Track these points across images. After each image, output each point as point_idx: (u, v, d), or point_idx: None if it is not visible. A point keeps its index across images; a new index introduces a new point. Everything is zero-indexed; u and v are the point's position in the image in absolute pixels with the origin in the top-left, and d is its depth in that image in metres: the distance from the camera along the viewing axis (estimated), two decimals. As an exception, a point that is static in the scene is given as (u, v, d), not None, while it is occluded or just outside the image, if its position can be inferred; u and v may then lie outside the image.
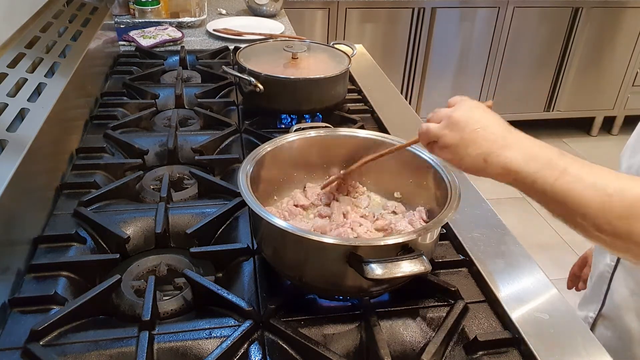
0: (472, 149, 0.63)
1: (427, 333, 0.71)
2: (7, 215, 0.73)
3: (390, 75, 1.65)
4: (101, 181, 0.99)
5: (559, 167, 0.59)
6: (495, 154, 0.62)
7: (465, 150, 0.64)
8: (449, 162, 0.68)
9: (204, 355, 0.66)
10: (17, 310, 0.70)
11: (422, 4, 2.93)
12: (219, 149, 1.13)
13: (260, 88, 1.17)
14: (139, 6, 1.91)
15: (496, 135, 0.63)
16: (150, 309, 0.68)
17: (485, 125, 0.64)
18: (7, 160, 0.76)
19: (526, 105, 3.40)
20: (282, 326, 0.68)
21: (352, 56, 1.31)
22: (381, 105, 1.33)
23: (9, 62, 0.96)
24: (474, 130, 0.63)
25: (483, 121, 0.64)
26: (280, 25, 1.99)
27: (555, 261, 1.15)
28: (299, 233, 0.65)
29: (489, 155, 0.62)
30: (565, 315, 0.74)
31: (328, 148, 0.90)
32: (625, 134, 3.84)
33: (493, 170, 0.62)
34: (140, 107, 1.28)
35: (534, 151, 0.61)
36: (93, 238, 0.85)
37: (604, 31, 3.22)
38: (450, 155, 0.66)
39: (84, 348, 0.65)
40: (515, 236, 0.89)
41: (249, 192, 0.71)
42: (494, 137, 0.63)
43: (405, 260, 0.61)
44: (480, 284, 0.79)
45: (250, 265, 0.80)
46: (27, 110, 0.88)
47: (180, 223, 0.89)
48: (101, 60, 1.43)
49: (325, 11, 2.87)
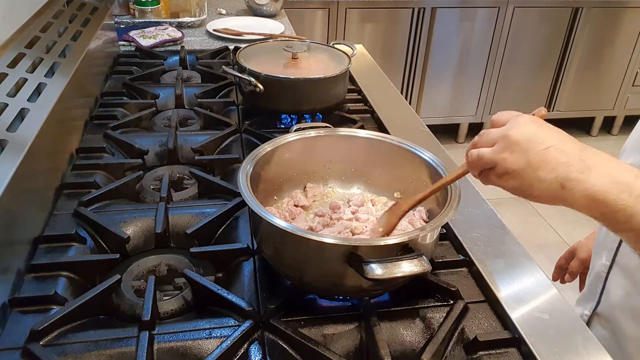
0: (544, 173, 0.53)
1: (427, 333, 0.71)
2: (7, 215, 0.73)
3: (390, 75, 1.65)
4: (101, 181, 0.99)
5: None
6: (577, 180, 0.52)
7: (535, 174, 0.53)
8: (515, 191, 0.58)
9: (204, 355, 0.66)
10: (17, 310, 0.70)
11: (422, 4, 2.93)
12: (219, 149, 1.13)
13: (260, 88, 1.17)
14: (139, 6, 1.91)
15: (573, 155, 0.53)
16: (150, 309, 0.68)
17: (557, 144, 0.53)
18: (7, 160, 0.76)
19: (526, 105, 3.40)
20: (282, 326, 0.68)
21: (352, 56, 1.31)
22: (381, 105, 1.33)
23: (9, 62, 0.96)
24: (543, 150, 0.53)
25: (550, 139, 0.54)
26: (280, 25, 1.99)
27: (555, 261, 1.15)
28: (299, 233, 0.65)
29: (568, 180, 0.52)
30: (565, 315, 0.74)
31: (328, 148, 0.90)
32: (625, 134, 3.83)
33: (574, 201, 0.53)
34: (140, 107, 1.28)
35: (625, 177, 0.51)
36: (93, 238, 0.85)
37: (604, 31, 3.22)
38: (515, 182, 0.56)
39: (84, 348, 0.65)
40: (515, 236, 0.89)
41: (249, 192, 0.71)
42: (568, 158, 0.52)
43: (405, 260, 0.61)
44: (480, 284, 0.79)
45: (250, 265, 0.80)
46: (27, 110, 0.88)
47: (180, 223, 0.89)
48: (101, 60, 1.43)
49: (325, 11, 2.87)
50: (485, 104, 3.33)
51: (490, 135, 0.58)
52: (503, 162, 0.56)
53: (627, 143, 0.90)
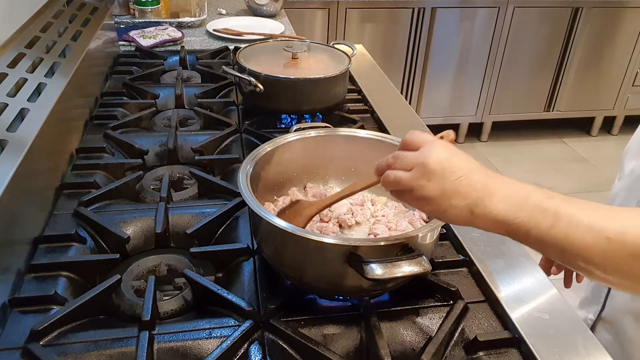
0: (456, 201, 0.58)
1: (427, 333, 0.71)
2: (7, 215, 0.73)
3: (390, 75, 1.65)
4: (101, 181, 0.99)
5: (549, 211, 0.55)
6: (482, 206, 0.57)
7: (449, 202, 0.58)
8: (430, 214, 0.64)
9: (204, 355, 0.66)
10: (17, 310, 0.70)
11: (422, 4, 2.93)
12: (219, 149, 1.13)
13: (260, 88, 1.17)
14: (139, 6, 1.91)
15: (479, 183, 0.58)
16: (150, 309, 0.68)
17: (467, 174, 0.59)
18: (7, 160, 0.76)
19: (526, 105, 3.40)
20: (282, 326, 0.68)
21: (352, 56, 1.31)
22: (381, 105, 1.33)
23: (9, 62, 0.96)
24: (455, 180, 0.58)
25: (463, 169, 0.59)
26: (280, 25, 1.99)
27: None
28: (299, 233, 0.65)
29: (475, 206, 0.58)
30: (565, 315, 0.74)
31: (328, 148, 0.90)
32: (625, 134, 3.84)
33: (482, 223, 0.58)
34: (140, 107, 1.28)
35: (519, 196, 0.57)
36: (93, 238, 0.85)
37: (604, 31, 3.22)
38: (430, 207, 0.61)
39: (84, 348, 0.65)
40: (515, 236, 0.88)
41: (249, 192, 0.71)
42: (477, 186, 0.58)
43: (405, 260, 0.61)
44: (480, 284, 0.79)
45: (250, 265, 0.80)
46: (27, 110, 0.88)
47: (180, 223, 0.89)
48: (101, 60, 1.43)
49: (325, 11, 2.87)
50: (485, 104, 3.33)
51: (406, 159, 0.62)
52: (421, 190, 0.60)
53: (629, 145, 0.90)
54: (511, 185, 0.59)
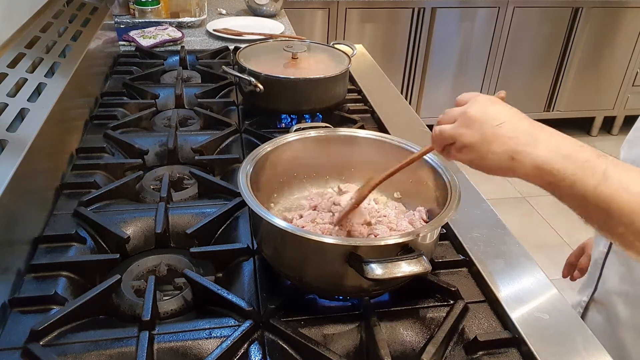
0: (496, 146, 0.58)
1: (427, 333, 0.71)
2: (7, 215, 0.73)
3: (390, 75, 1.65)
4: (101, 181, 0.99)
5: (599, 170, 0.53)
6: (525, 152, 0.56)
7: (488, 147, 0.58)
8: (471, 163, 0.63)
9: (204, 355, 0.66)
10: (17, 310, 0.70)
11: (422, 4, 2.93)
12: (219, 149, 1.13)
13: (260, 88, 1.17)
14: (139, 6, 1.91)
15: (522, 130, 0.58)
16: (150, 309, 0.68)
17: (509, 120, 0.58)
18: (7, 160, 0.76)
19: (526, 105, 3.40)
20: (282, 326, 0.68)
21: (352, 56, 1.31)
22: (381, 105, 1.33)
23: (9, 62, 0.96)
24: (496, 126, 0.58)
25: (503, 116, 0.59)
26: (280, 25, 1.99)
27: (555, 261, 1.15)
28: (299, 233, 0.65)
29: (517, 152, 0.57)
30: (565, 315, 0.74)
31: (328, 148, 0.90)
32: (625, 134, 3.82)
33: (523, 170, 0.57)
34: (140, 107, 1.28)
35: (568, 149, 0.56)
36: (93, 238, 0.85)
37: (604, 31, 3.22)
38: (471, 155, 0.61)
39: (84, 348, 0.65)
40: (515, 236, 0.89)
41: (249, 192, 0.71)
42: (518, 133, 0.58)
43: (405, 260, 0.61)
44: (480, 284, 0.79)
45: (250, 265, 0.80)
46: (27, 110, 0.88)
47: (180, 223, 0.89)
48: (101, 60, 1.43)
49: (325, 11, 2.87)
50: (485, 104, 3.33)
51: (451, 113, 0.63)
52: (461, 137, 0.61)
53: (628, 137, 0.90)
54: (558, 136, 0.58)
